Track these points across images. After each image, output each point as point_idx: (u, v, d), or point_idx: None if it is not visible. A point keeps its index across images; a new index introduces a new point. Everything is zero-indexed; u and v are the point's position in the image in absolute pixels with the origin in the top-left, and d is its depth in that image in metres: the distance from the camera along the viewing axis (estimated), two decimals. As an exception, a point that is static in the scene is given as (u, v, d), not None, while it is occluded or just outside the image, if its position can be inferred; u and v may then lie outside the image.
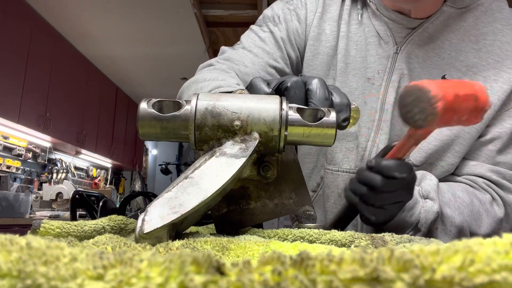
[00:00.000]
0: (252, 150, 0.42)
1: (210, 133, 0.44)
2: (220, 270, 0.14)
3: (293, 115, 0.44)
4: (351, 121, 0.52)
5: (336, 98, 0.49)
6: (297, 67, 0.83)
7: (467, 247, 0.14)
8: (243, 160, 0.41)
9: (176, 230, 0.41)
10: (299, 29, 0.81)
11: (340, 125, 0.48)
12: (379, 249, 0.15)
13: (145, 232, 0.34)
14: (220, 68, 0.76)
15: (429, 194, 0.63)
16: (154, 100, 0.45)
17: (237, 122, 0.43)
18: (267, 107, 0.44)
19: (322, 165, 0.79)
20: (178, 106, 0.45)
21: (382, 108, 0.73)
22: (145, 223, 0.35)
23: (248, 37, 0.83)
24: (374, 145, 0.72)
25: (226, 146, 0.43)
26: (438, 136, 0.71)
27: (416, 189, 0.61)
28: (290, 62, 0.81)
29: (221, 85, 0.63)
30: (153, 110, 0.44)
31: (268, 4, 3.32)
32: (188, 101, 0.44)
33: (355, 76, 0.76)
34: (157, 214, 0.35)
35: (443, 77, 0.72)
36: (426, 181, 0.64)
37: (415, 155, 0.72)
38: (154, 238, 0.35)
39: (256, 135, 0.43)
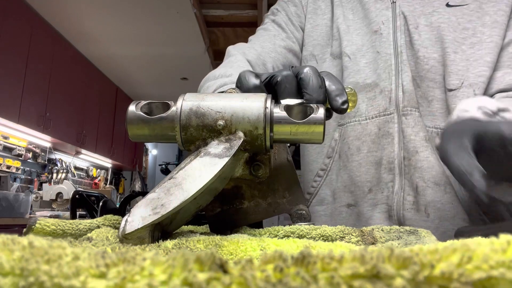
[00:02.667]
0: (236, 149, 0.42)
1: (196, 134, 0.44)
2: (223, 268, 0.14)
3: (279, 112, 0.44)
4: (350, 104, 0.51)
5: (330, 86, 0.48)
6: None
7: (465, 246, 0.14)
8: (226, 159, 0.41)
9: (165, 230, 0.41)
10: (297, 10, 0.89)
11: (340, 108, 0.48)
12: (379, 248, 0.15)
13: (126, 232, 0.34)
14: (231, 60, 0.79)
15: None
16: (143, 102, 0.46)
17: (220, 122, 0.43)
18: (251, 105, 0.44)
19: (334, 129, 0.81)
20: (167, 107, 0.45)
21: (396, 52, 0.76)
22: (127, 224, 0.35)
23: (253, 36, 0.90)
24: (399, 85, 0.75)
25: (211, 146, 0.43)
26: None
27: None
28: (297, 42, 0.87)
29: (226, 83, 0.65)
30: (141, 113, 0.45)
31: (268, 4, 3.32)
32: (175, 102, 0.45)
33: (359, 35, 0.81)
34: (139, 215, 0.36)
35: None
36: None
37: (451, 80, 0.73)
38: (136, 238, 0.35)
39: (240, 134, 0.43)
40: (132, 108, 0.45)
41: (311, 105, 0.45)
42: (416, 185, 0.72)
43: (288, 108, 0.45)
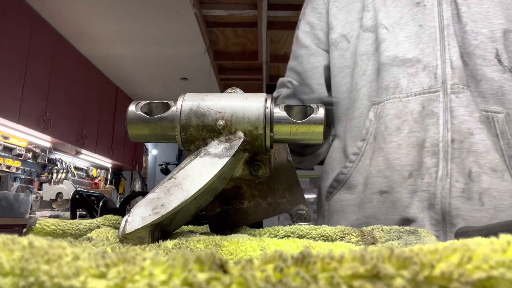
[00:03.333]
0: (236, 149, 0.42)
1: (196, 133, 0.44)
2: (223, 268, 0.14)
3: (279, 112, 0.44)
4: None
5: None
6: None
7: (465, 246, 0.14)
8: (226, 159, 0.41)
9: (165, 230, 0.41)
10: (317, 7, 0.88)
11: None
12: (379, 248, 0.15)
13: (126, 232, 0.34)
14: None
15: None
16: (143, 102, 0.46)
17: (220, 122, 0.43)
18: (252, 105, 0.44)
19: (368, 108, 0.75)
20: (167, 107, 0.45)
21: (441, 25, 0.71)
22: (127, 223, 0.35)
23: (290, 63, 0.94)
24: (446, 61, 0.69)
25: (211, 146, 0.43)
26: None
27: None
28: (321, 43, 0.87)
29: None
30: (141, 113, 0.45)
31: (268, 5, 3.32)
32: (175, 102, 0.45)
33: (397, 7, 0.76)
34: (139, 215, 0.36)
35: None
36: None
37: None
38: (136, 238, 0.35)
39: (240, 134, 0.43)
40: (132, 108, 0.45)
41: (311, 105, 0.45)
42: (469, 170, 0.65)
43: (288, 108, 0.45)
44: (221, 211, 0.51)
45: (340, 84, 0.82)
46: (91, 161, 5.46)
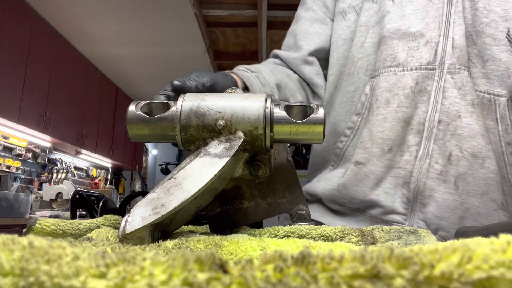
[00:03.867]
0: (236, 149, 0.42)
1: (196, 133, 0.44)
2: (223, 268, 0.14)
3: (279, 112, 0.44)
4: None
5: None
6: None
7: (465, 246, 0.14)
8: (226, 159, 0.41)
9: (165, 230, 0.41)
10: None
11: None
12: (379, 248, 0.15)
13: (126, 232, 0.34)
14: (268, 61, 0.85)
15: None
16: (143, 102, 0.46)
17: (220, 122, 0.43)
18: (252, 105, 0.44)
19: (365, 83, 0.73)
20: (167, 107, 0.45)
21: (450, 1, 0.68)
22: (127, 223, 0.35)
23: (293, 26, 0.90)
24: (448, 39, 0.67)
25: (211, 146, 0.43)
26: None
27: None
28: (326, 10, 0.85)
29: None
30: (141, 113, 0.45)
31: (268, 4, 3.32)
32: (175, 102, 0.45)
33: None
34: (139, 215, 0.36)
35: None
36: None
37: None
38: (136, 238, 0.35)
39: (240, 134, 0.43)
40: (132, 108, 0.45)
41: (311, 105, 0.45)
42: (449, 153, 0.64)
43: (288, 108, 0.45)
44: (221, 211, 0.51)
45: (342, 57, 0.80)
46: (91, 161, 5.46)
